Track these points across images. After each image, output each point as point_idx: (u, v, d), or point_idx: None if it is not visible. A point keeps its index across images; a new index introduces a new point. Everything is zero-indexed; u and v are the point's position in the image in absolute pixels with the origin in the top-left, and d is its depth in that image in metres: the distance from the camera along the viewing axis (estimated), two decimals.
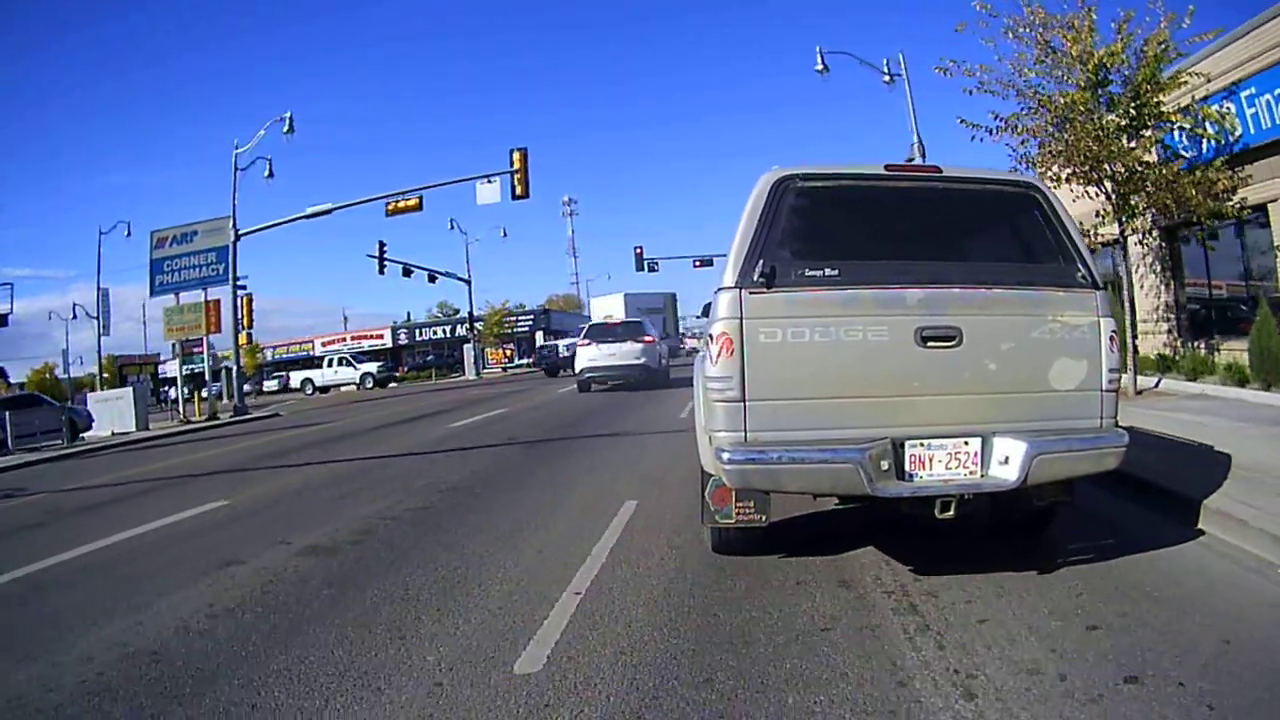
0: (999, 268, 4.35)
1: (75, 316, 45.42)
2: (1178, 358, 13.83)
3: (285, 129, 28.97)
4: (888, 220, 4.54)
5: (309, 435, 16.25)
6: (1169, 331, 14.80)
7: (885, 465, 3.91)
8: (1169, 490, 5.56)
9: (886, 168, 4.51)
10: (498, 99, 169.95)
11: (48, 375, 60.60)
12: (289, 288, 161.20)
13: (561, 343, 40.51)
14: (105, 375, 42.25)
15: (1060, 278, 4.24)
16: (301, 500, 8.06)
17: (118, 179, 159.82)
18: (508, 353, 55.22)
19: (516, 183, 25.78)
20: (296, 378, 54.42)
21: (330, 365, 52.27)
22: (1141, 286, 14.79)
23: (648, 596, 4.28)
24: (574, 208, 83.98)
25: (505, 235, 54.36)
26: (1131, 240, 12.97)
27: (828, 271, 4.10)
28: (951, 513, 3.98)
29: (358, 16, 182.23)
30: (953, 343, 4.01)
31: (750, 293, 4.04)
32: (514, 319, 59.51)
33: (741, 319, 4.02)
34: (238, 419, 27.05)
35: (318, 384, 50.78)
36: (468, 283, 48.24)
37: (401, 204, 27.14)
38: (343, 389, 48.12)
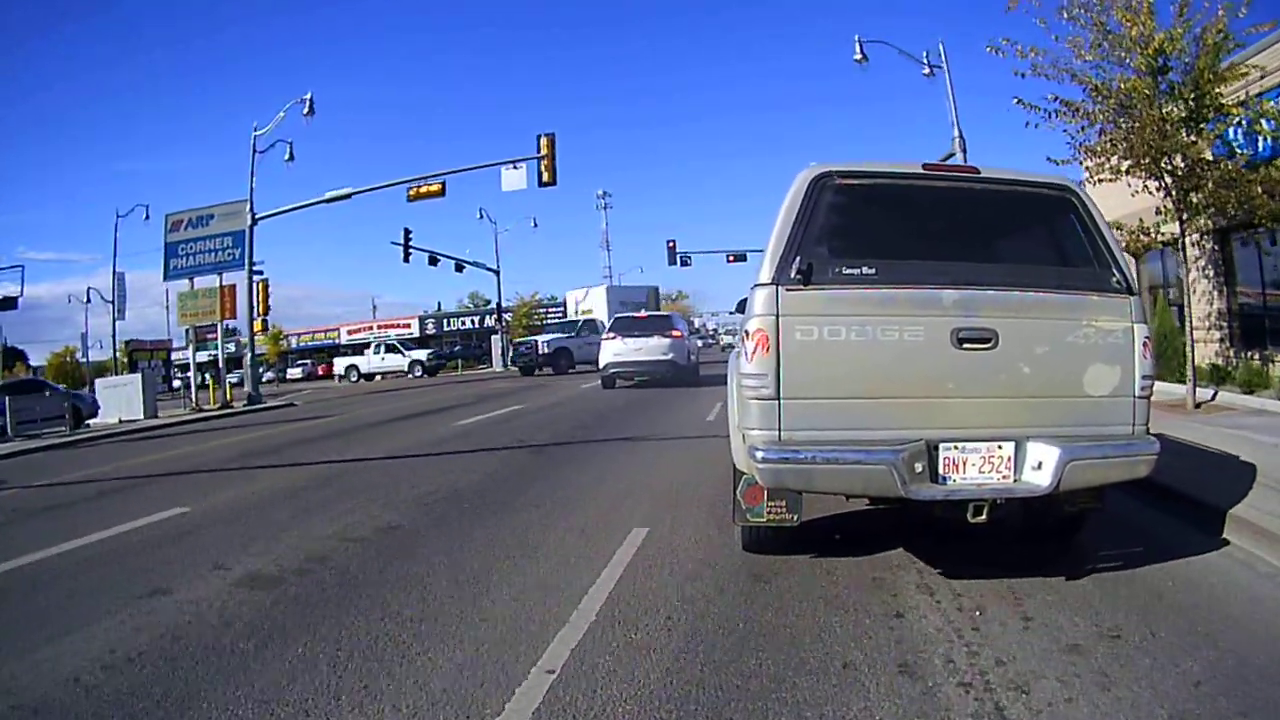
0: (1034, 270, 4.37)
1: (89, 300, 44.91)
2: (1231, 369, 12.98)
3: (305, 110, 28.32)
4: (924, 220, 4.56)
5: (311, 429, 15.46)
6: (1221, 340, 13.95)
7: (919, 468, 3.92)
8: None
9: (924, 167, 4.52)
10: (527, 94, 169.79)
11: (68, 359, 60.77)
12: (319, 276, 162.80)
13: (541, 338, 34.18)
14: (126, 360, 42.08)
15: (1095, 282, 4.24)
16: (266, 510, 7.16)
17: (144, 164, 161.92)
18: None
19: (544, 169, 24.88)
20: (341, 364, 51.20)
21: (378, 352, 49.44)
22: (1194, 291, 13.79)
23: (643, 683, 3.25)
24: (608, 201, 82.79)
25: (536, 225, 53.50)
26: (1186, 242, 11.94)
27: (865, 270, 4.11)
28: (984, 517, 4.03)
29: (388, 5, 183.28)
30: (988, 345, 4.01)
31: (787, 290, 4.05)
32: (544, 310, 58.52)
33: (778, 316, 4.02)
34: (251, 408, 26.50)
35: (364, 371, 48.05)
36: (496, 273, 47.47)
37: (424, 189, 26.33)
38: (383, 376, 46.37)
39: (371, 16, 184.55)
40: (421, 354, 48.01)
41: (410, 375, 45.18)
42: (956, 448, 4.00)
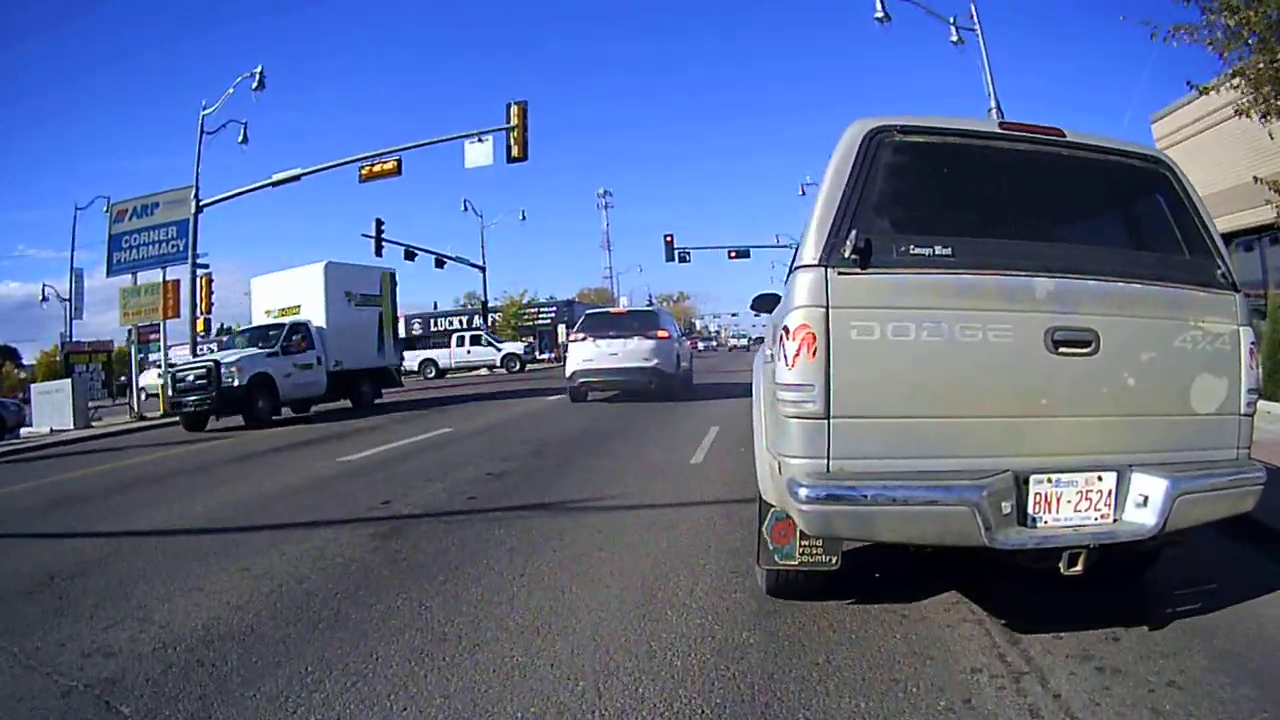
0: (1136, 257, 3.59)
1: (46, 299, 41.37)
2: None
3: (255, 85, 24.98)
4: (1002, 189, 3.62)
5: (187, 457, 11.91)
6: None
7: (1006, 508, 3.08)
8: None
9: (1002, 125, 3.70)
10: (529, 92, 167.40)
11: (57, 358, 58.39)
12: None
13: (224, 357, 17.32)
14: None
15: (1198, 274, 3.51)
16: None
17: (148, 161, 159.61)
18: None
19: (513, 142, 21.14)
20: (413, 358, 39.52)
21: (461, 344, 40.64)
22: None
23: None
24: (609, 200, 79.67)
25: (524, 218, 49.29)
26: None
27: (939, 249, 3.26)
28: (1080, 568, 3.14)
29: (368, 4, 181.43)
30: (1087, 349, 3.24)
31: (840, 273, 3.20)
32: (535, 311, 54.70)
33: (828, 308, 3.16)
34: None
35: (442, 366, 39.89)
36: (482, 269, 43.92)
37: (377, 167, 22.66)
38: (479, 371, 39.01)
39: (363, 13, 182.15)
40: (518, 346, 40.39)
41: (503, 370, 38.33)
42: (1050, 480, 3.18)
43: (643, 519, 6.03)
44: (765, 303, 5.31)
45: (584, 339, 16.76)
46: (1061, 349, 3.21)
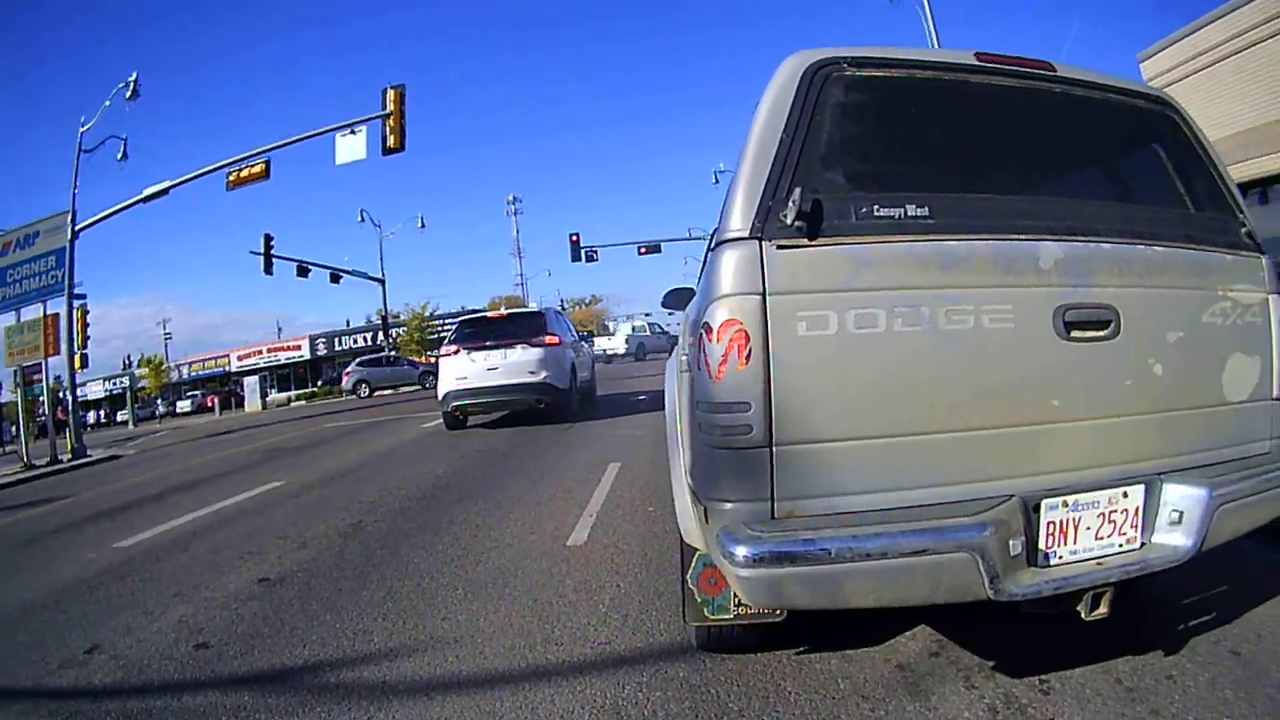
0: (1152, 214, 2.82)
1: None
2: None
3: (129, 94, 22.81)
4: (985, 135, 2.81)
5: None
6: None
7: (1015, 547, 2.28)
8: None
9: (979, 56, 2.77)
10: (442, 105, 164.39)
11: None
12: (238, 301, 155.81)
13: None
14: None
15: (1221, 234, 2.88)
16: None
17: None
18: (431, 360, 48.01)
19: (389, 131, 19.33)
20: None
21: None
22: None
23: None
24: (518, 207, 78.26)
25: (423, 226, 47.42)
26: None
27: (912, 210, 2.43)
28: (1105, 610, 2.46)
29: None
30: (1105, 332, 2.53)
31: (780, 246, 2.35)
32: (440, 323, 52.59)
33: (765, 295, 2.31)
34: (75, 463, 20.86)
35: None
36: (381, 282, 42.03)
37: (245, 173, 20.69)
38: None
39: (316, 49, 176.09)
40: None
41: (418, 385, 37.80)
42: (1065, 504, 2.42)
43: None
44: (678, 299, 4.58)
45: (456, 352, 13.16)
46: (1074, 333, 2.51)
